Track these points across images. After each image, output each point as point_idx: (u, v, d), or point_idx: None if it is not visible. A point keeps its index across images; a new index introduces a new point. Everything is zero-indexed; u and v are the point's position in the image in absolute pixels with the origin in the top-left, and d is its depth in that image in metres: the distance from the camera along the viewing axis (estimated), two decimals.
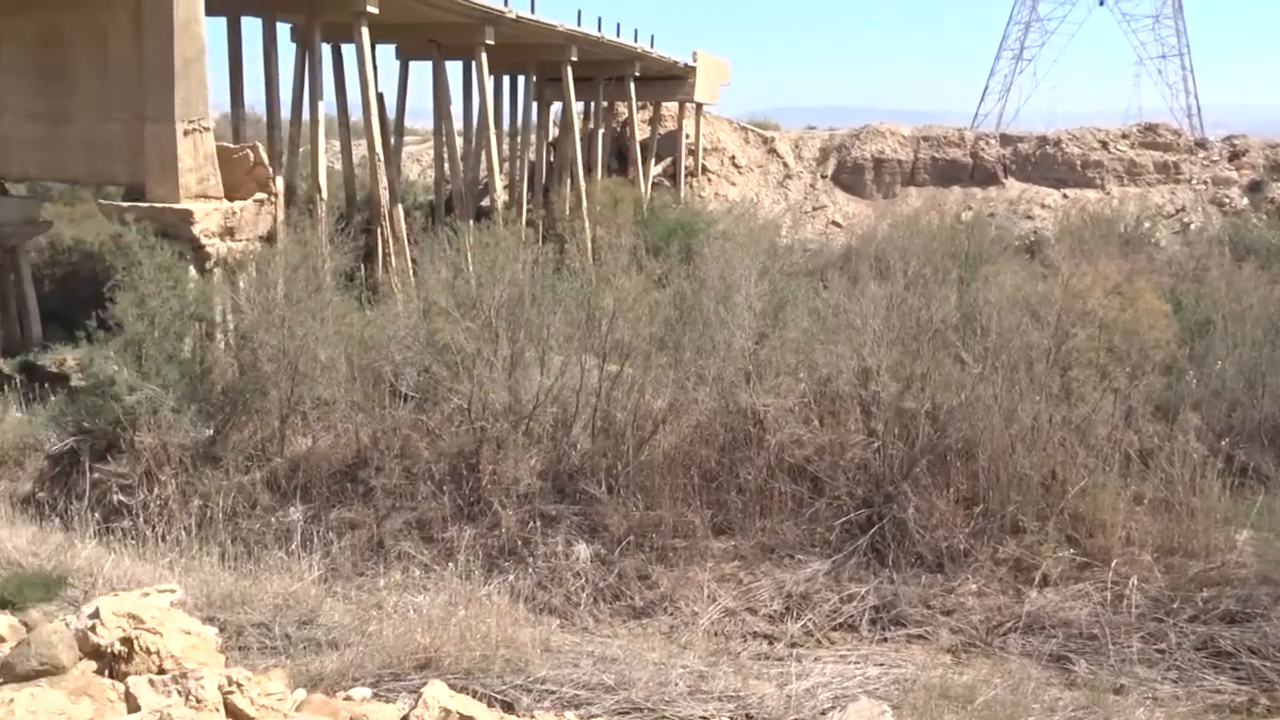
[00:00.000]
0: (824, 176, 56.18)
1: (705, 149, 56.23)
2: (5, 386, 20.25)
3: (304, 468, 15.82)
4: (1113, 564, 13.32)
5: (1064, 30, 79.27)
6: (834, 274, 20.56)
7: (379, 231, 29.40)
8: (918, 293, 16.75)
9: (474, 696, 8.45)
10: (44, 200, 29.45)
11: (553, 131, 51.37)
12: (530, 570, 13.85)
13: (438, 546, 14.41)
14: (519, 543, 14.28)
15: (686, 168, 54.31)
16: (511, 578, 13.55)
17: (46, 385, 19.97)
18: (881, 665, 11.56)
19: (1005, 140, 55.79)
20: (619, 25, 44.20)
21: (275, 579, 13.18)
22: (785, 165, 57.11)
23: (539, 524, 14.50)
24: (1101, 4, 70.65)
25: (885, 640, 12.67)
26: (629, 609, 13.45)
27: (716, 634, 12.65)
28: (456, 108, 39.52)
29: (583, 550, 14.10)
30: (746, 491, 15.01)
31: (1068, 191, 52.09)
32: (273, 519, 15.03)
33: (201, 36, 20.95)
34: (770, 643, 12.50)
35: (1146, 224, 42.05)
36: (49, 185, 32.85)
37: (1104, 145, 53.75)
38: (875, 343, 15.44)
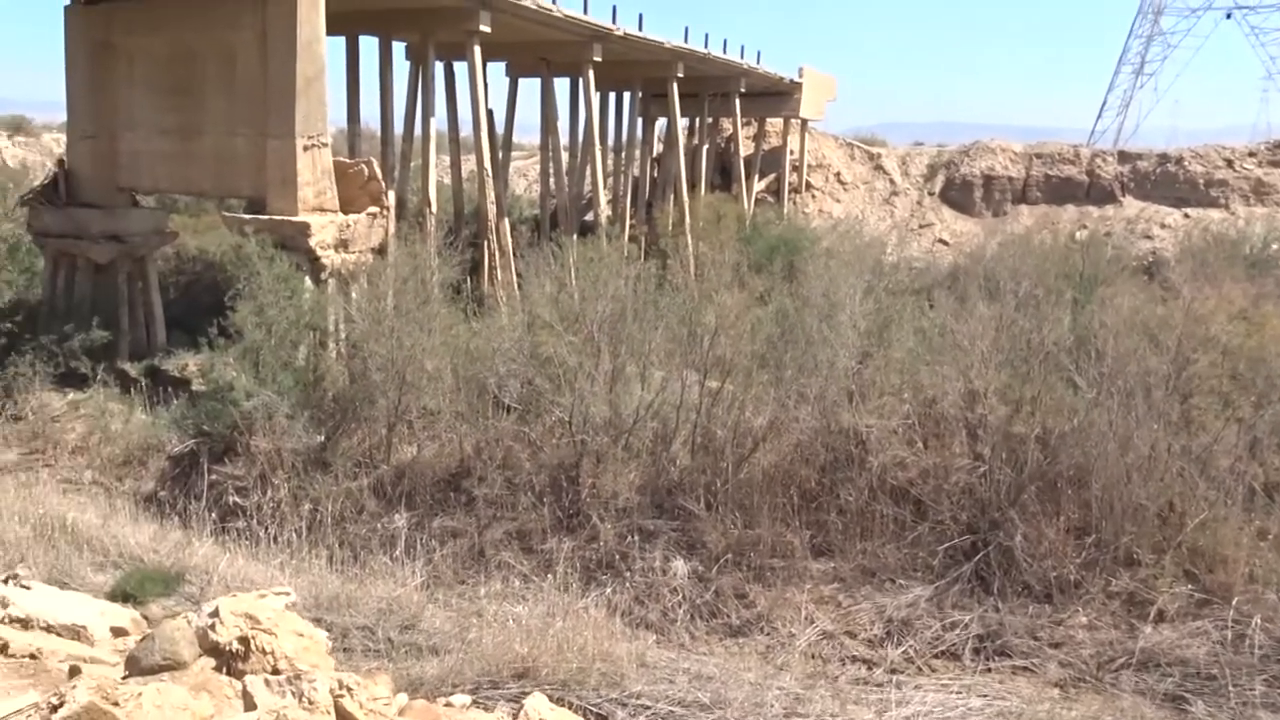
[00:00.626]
0: (931, 194, 55.28)
1: (810, 165, 55.88)
2: (132, 389, 21.24)
3: (409, 475, 16.17)
4: (1234, 602, 12.69)
5: (1188, 44, 76.67)
6: (940, 293, 20.15)
7: (485, 245, 29.97)
8: (1029, 314, 16.31)
9: (570, 709, 8.51)
10: (170, 211, 30.80)
11: (657, 147, 51.72)
12: (627, 584, 13.88)
13: (537, 557, 14.56)
14: (617, 557, 14.33)
15: (790, 184, 54.04)
16: (609, 591, 13.60)
17: (169, 389, 20.90)
18: (985, 696, 11.23)
19: (1123, 157, 54.06)
20: (725, 42, 44.35)
21: (379, 583, 13.49)
22: (891, 182, 56.37)
23: (637, 539, 14.53)
24: (1228, 17, 68.10)
25: (989, 671, 12.30)
26: (725, 627, 13.36)
27: (814, 656, 12.48)
28: (563, 123, 40.15)
29: (680, 566, 14.07)
30: (847, 513, 14.78)
31: (1190, 211, 50.17)
32: (378, 525, 15.39)
33: (322, 56, 21.73)
34: (869, 668, 12.26)
35: (1275, 246, 40.15)
36: (175, 197, 34.36)
37: (1229, 163, 51.65)
38: (983, 364, 15.07)
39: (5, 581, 7.52)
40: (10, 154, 57.77)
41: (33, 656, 4.47)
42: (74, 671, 4.04)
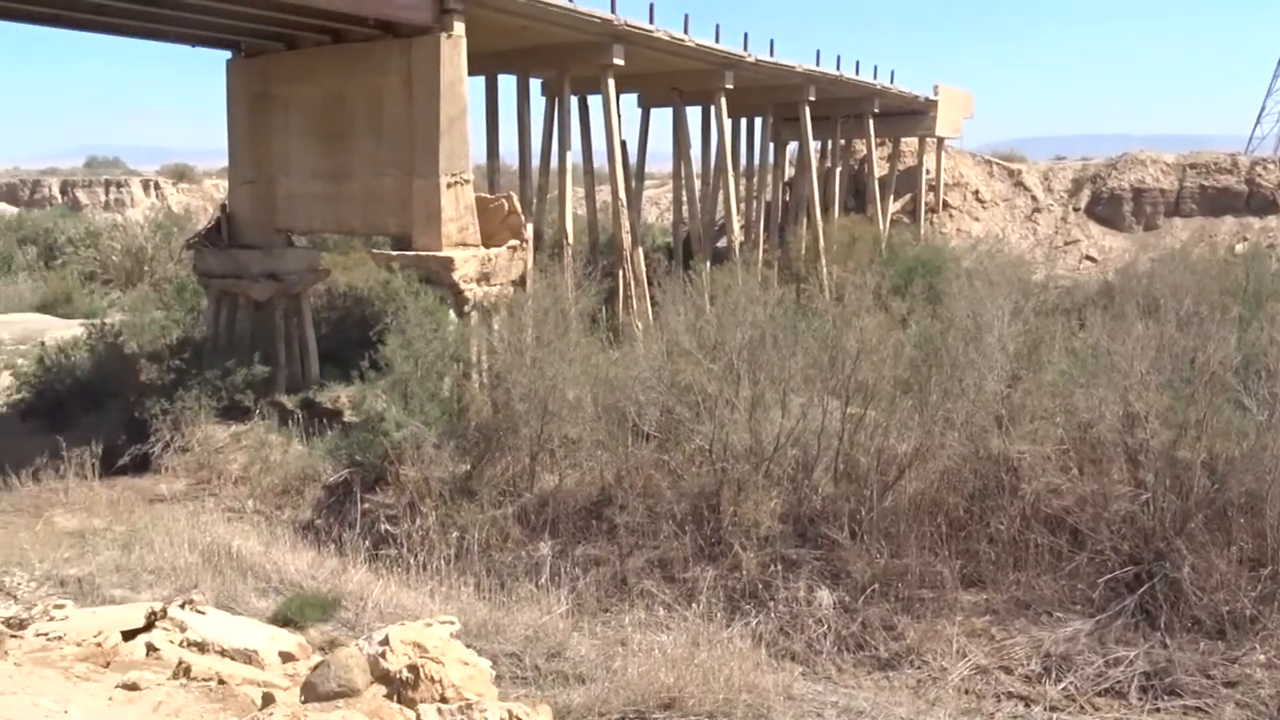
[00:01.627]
0: (1076, 209, 53.28)
1: (946, 184, 54.65)
2: (289, 421, 22.20)
3: (552, 503, 16.39)
4: None
5: None
6: (1093, 312, 19.35)
7: (621, 274, 30.31)
8: (1191, 332, 15.49)
9: None
10: (321, 250, 32.16)
11: (789, 171, 51.45)
12: (771, 614, 13.71)
13: (679, 586, 14.53)
14: (760, 586, 14.18)
15: (927, 204, 52.94)
16: (753, 621, 13.46)
17: (323, 420, 21.76)
18: None
19: None
20: (858, 63, 43.92)
21: (525, 611, 13.72)
22: (1033, 198, 54.59)
23: (780, 567, 14.35)
24: None
25: (1158, 710, 11.66)
26: (873, 660, 13.05)
27: (967, 692, 12.06)
28: (694, 150, 40.37)
29: (825, 596, 13.83)
30: (998, 542, 14.28)
31: None
32: (523, 552, 15.63)
33: (464, 96, 22.45)
34: (1027, 705, 11.79)
35: None
36: (325, 236, 35.89)
37: None
38: (1143, 386, 14.38)
39: (182, 606, 7.92)
40: (175, 200, 61.68)
41: (221, 681, 4.70)
42: (268, 699, 4.23)
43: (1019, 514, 14.35)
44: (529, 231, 24.49)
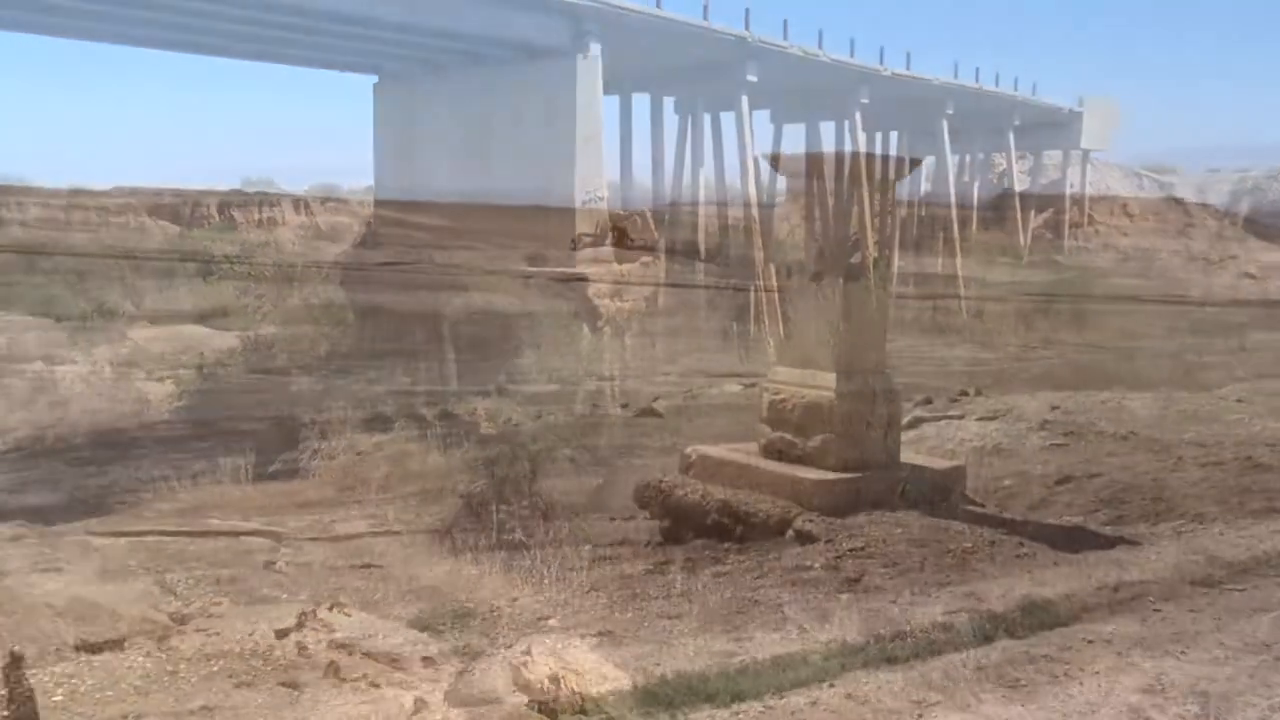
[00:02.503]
0: (1233, 223, 50.57)
1: (1092, 197, 52.58)
2: (428, 432, 22.79)
3: (683, 518, 16.32)
4: None
5: None
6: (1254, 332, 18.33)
7: (753, 289, 30.15)
8: None
9: None
10: (460, 266, 32.98)
11: (925, 186, 50.39)
12: (907, 639, 13.30)
13: (813, 609, 14.28)
14: (895, 610, 13.82)
15: (1071, 218, 51.03)
16: (889, 646, 13.12)
17: (461, 431, 22.24)
18: None
19: None
20: (997, 74, 42.81)
21: (654, 626, 13.68)
22: (1186, 212, 52.08)
23: (914, 593, 13.96)
24: None
25: None
26: (1014, 691, 12.56)
27: None
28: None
29: (963, 622, 13.37)
30: (1150, 571, 13.58)
31: None
32: (653, 565, 15.60)
33: (599, 117, 22.83)
34: None
35: None
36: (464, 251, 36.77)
37: None
38: None
39: (330, 608, 8.21)
40: (323, 218, 64.28)
41: (373, 684, 4.85)
42: (419, 704, 4.35)
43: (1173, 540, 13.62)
44: (661, 247, 24.63)
